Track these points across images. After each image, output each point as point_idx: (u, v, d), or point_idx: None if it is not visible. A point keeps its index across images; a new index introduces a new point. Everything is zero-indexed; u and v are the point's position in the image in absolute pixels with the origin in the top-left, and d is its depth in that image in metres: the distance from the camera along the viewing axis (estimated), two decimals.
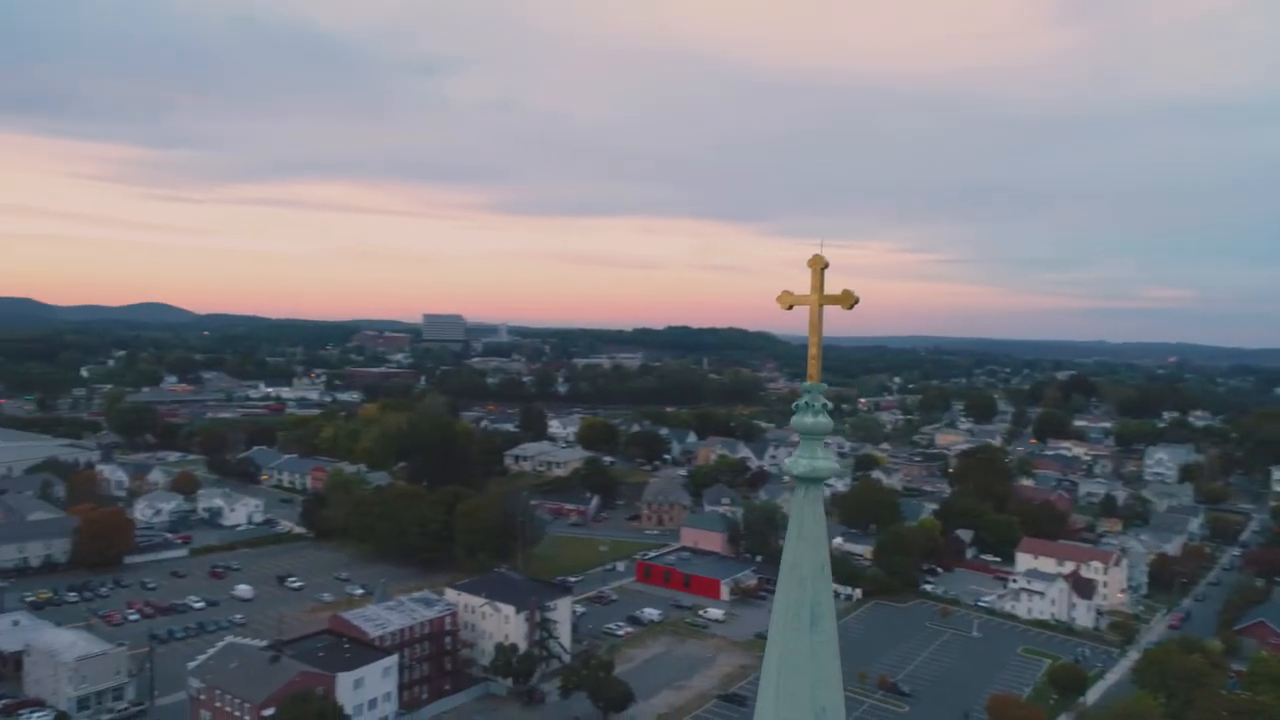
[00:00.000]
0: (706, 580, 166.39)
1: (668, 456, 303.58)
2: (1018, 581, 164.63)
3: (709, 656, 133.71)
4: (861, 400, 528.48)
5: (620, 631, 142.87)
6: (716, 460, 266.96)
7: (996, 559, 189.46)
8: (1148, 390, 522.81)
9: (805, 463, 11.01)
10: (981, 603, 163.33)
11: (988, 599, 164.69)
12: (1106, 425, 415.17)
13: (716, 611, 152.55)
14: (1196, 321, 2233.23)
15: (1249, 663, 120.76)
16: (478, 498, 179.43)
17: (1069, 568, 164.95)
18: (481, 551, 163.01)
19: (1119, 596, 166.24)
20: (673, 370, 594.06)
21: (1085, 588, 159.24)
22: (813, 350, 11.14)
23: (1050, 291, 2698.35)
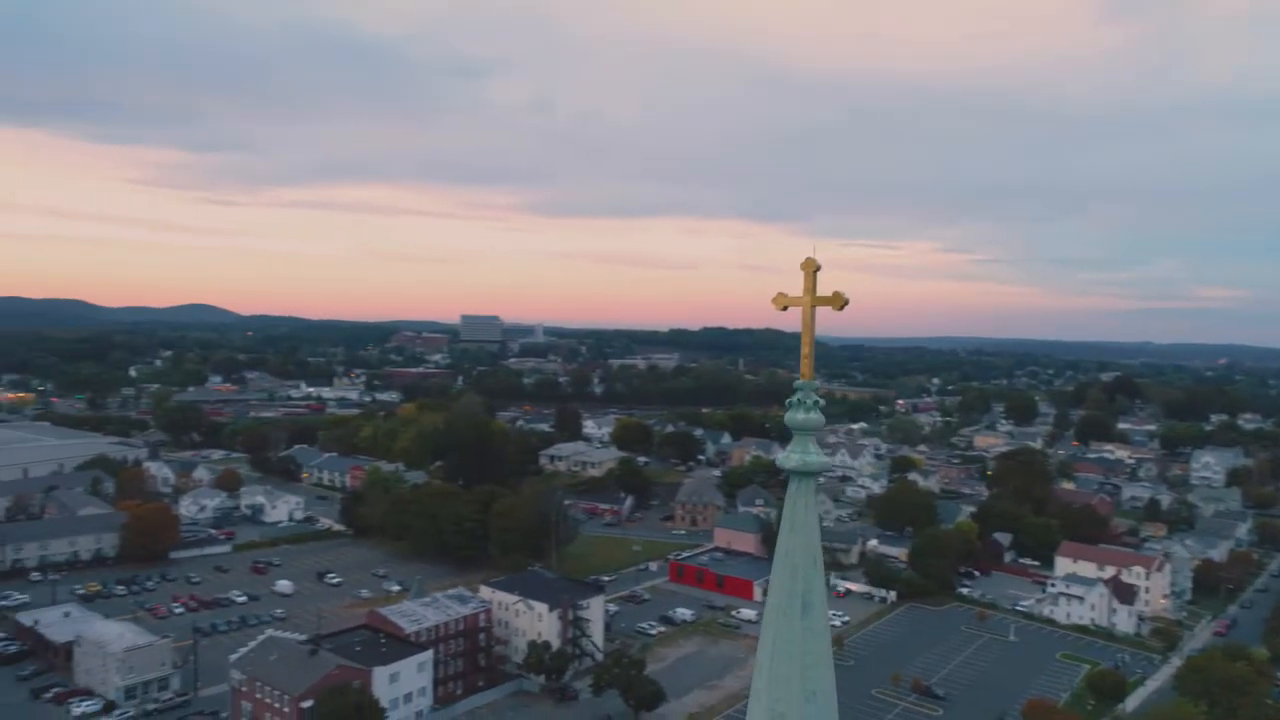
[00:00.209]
0: (739, 581, 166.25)
1: (702, 457, 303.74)
2: (1056, 586, 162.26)
3: (741, 657, 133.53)
4: (900, 402, 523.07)
5: (653, 631, 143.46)
6: (751, 461, 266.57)
7: (1035, 563, 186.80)
8: (1195, 392, 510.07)
9: (797, 457, 11.51)
10: (1019, 607, 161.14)
11: (1025, 603, 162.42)
12: (1151, 428, 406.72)
13: (749, 612, 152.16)
14: (1249, 322, 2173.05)
15: None
16: (513, 497, 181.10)
17: (1109, 572, 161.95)
18: (516, 550, 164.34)
19: (1161, 602, 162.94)
20: (708, 371, 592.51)
21: (1126, 593, 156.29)
22: (805, 349, 11.65)
23: (1094, 292, 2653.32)
